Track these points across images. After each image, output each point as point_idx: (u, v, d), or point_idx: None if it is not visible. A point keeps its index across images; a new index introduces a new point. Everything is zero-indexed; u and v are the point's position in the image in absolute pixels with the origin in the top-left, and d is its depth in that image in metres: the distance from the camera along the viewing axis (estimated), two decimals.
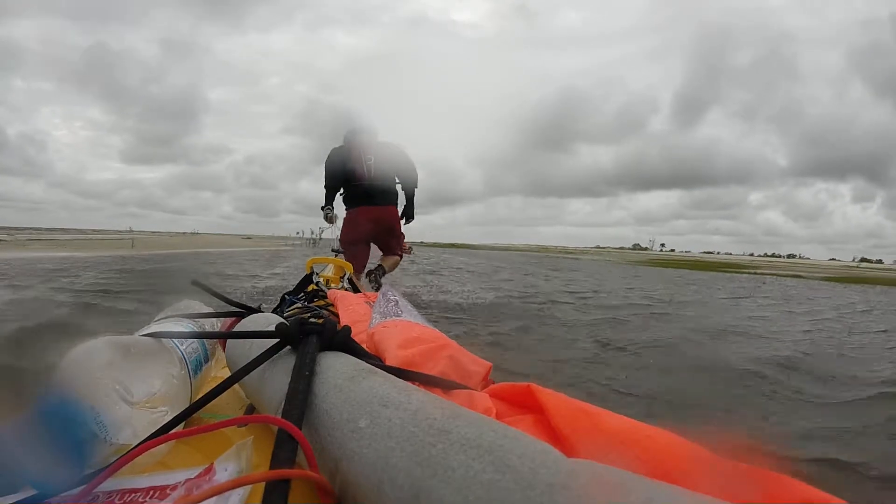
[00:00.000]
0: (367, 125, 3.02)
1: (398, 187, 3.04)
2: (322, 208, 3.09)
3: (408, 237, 3.16)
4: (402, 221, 3.08)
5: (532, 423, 0.32)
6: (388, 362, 0.41)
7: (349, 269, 1.59)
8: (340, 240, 3.02)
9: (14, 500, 0.27)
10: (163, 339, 0.41)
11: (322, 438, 0.27)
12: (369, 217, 2.93)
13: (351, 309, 0.77)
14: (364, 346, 0.42)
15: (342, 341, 0.36)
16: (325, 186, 3.04)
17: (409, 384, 0.30)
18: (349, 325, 0.40)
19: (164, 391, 0.37)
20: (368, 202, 2.92)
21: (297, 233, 17.40)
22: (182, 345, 0.43)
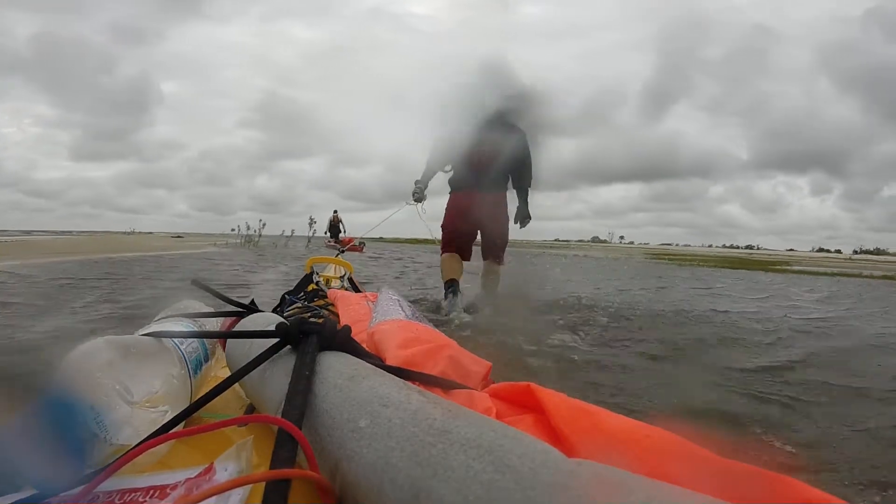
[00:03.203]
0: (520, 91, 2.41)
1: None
2: (416, 183, 2.62)
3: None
4: (517, 225, 2.58)
5: (532, 423, 0.32)
6: (388, 362, 0.41)
7: (349, 268, 1.59)
8: (443, 227, 2.60)
9: (14, 500, 0.27)
10: (163, 339, 0.41)
11: (322, 438, 0.27)
12: (480, 202, 2.44)
13: (351, 308, 0.77)
14: (364, 345, 0.42)
15: (342, 341, 0.36)
16: (429, 162, 2.57)
17: (409, 384, 0.30)
18: (349, 324, 0.40)
19: (164, 391, 0.37)
20: (482, 187, 2.42)
21: (233, 229, 12.86)
22: (182, 344, 0.43)
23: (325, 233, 13.46)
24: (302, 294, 1.03)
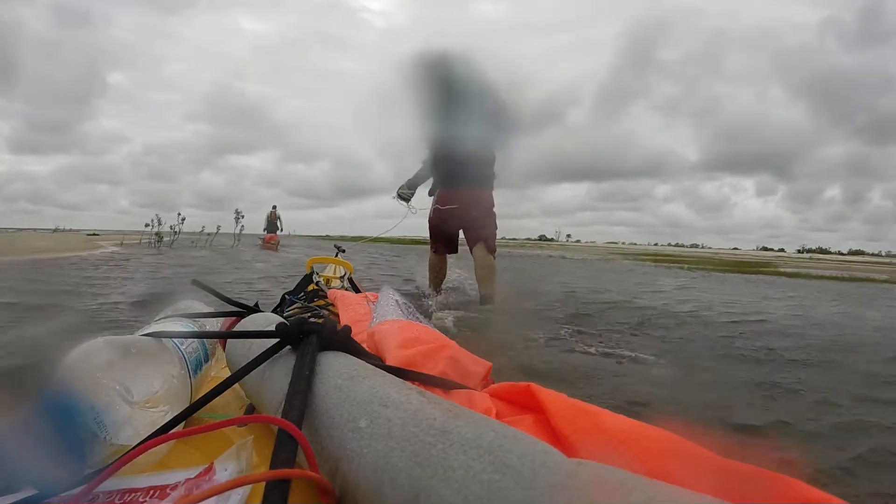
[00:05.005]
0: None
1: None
2: (406, 184, 2.69)
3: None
4: None
5: (532, 423, 0.32)
6: (389, 362, 0.41)
7: (349, 268, 1.58)
8: (429, 222, 2.66)
9: (14, 500, 0.27)
10: (163, 339, 0.41)
11: (322, 438, 0.27)
12: (459, 198, 2.52)
13: (351, 308, 0.77)
14: (364, 345, 0.42)
15: (342, 341, 0.36)
16: (422, 169, 2.64)
17: (409, 384, 0.30)
18: (349, 324, 0.40)
19: (164, 391, 0.37)
20: (461, 183, 2.50)
21: (147, 224, 9.72)
22: (182, 345, 0.43)
23: (264, 230, 12.17)
24: (302, 294, 1.03)
